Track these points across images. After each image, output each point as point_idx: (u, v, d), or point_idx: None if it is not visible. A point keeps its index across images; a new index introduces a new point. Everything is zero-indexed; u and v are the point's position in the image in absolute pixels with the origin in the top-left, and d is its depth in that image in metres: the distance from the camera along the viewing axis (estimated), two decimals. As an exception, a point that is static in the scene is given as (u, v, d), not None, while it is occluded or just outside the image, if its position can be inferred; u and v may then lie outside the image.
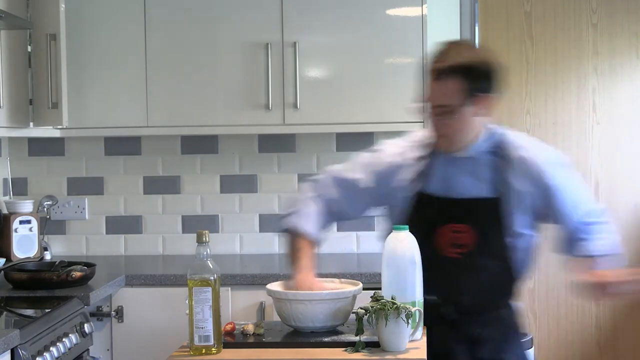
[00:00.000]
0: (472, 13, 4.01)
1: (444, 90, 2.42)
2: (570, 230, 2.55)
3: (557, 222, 2.55)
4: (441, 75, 2.41)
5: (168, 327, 3.20)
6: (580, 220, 2.54)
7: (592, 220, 2.56)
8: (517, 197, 2.48)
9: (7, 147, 3.99)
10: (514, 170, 2.50)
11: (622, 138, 4.03)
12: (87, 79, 3.64)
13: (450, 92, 2.42)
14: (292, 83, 3.59)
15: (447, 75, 2.40)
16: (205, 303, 2.21)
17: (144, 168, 4.01)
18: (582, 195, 2.61)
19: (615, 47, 4.01)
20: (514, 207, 2.48)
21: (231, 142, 3.97)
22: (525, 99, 4.03)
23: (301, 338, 2.34)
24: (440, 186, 2.52)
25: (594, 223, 2.56)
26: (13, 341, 2.31)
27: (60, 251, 3.99)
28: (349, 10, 3.57)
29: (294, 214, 2.58)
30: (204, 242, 2.24)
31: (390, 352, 2.21)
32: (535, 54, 4.02)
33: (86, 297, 2.96)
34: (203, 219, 3.99)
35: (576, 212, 2.54)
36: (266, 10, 3.60)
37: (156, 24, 3.64)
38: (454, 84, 2.41)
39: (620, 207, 4.02)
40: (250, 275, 3.33)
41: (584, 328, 4.05)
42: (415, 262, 2.35)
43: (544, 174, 2.51)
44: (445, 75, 2.41)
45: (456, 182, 2.52)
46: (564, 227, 2.55)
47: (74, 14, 3.60)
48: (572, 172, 2.61)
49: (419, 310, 2.30)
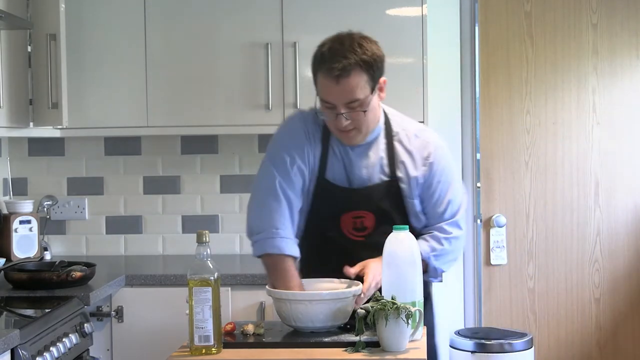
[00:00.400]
0: (472, 13, 4.01)
1: (349, 87, 2.43)
2: (426, 217, 2.62)
3: (421, 205, 2.61)
4: (343, 73, 2.41)
5: (168, 327, 3.20)
6: (438, 215, 2.61)
7: (447, 225, 2.61)
8: (410, 178, 2.56)
9: (7, 147, 3.99)
10: (407, 152, 2.58)
11: (622, 138, 4.03)
12: (87, 79, 3.64)
13: (357, 86, 2.44)
14: (292, 83, 3.59)
15: (348, 72, 2.41)
16: (206, 303, 2.21)
17: (144, 168, 4.01)
18: (453, 191, 2.65)
19: (615, 47, 4.01)
20: (409, 188, 2.56)
21: (231, 142, 3.97)
22: (525, 99, 4.03)
23: (301, 338, 2.34)
24: (339, 175, 2.57)
25: (440, 229, 2.61)
26: (13, 341, 2.30)
27: (60, 251, 3.99)
28: (349, 10, 3.57)
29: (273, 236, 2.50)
30: (204, 242, 2.25)
31: (390, 352, 2.22)
32: (535, 53, 4.02)
33: (86, 297, 2.96)
34: (203, 219, 3.99)
35: (440, 205, 2.60)
36: (266, 10, 3.60)
37: (156, 24, 3.64)
38: (357, 77, 2.43)
39: (620, 207, 4.03)
40: (250, 275, 3.33)
41: (584, 328, 4.05)
42: (415, 263, 2.35)
43: (431, 155, 2.58)
44: (346, 73, 2.41)
45: (354, 170, 2.57)
46: (424, 211, 2.62)
47: (74, 14, 3.60)
48: (452, 163, 2.68)
49: (419, 310, 2.31)
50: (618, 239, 4.04)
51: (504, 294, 4.05)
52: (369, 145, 2.58)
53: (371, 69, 2.45)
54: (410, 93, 3.50)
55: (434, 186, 2.59)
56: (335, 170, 2.57)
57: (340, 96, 2.44)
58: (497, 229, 4.02)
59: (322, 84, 2.45)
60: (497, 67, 4.02)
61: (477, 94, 4.01)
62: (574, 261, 4.04)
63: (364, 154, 2.58)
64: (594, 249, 4.04)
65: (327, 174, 2.57)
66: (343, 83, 2.42)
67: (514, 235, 4.05)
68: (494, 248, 4.03)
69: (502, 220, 4.02)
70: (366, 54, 2.44)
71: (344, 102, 2.44)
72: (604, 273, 4.04)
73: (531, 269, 4.05)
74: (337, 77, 2.41)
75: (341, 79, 2.41)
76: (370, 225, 2.57)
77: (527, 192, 4.04)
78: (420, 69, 3.54)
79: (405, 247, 2.34)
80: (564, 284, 4.05)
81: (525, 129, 4.03)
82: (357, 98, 2.45)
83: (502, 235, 4.03)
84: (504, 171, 4.04)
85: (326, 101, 2.46)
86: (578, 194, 4.04)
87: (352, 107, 2.45)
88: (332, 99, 2.45)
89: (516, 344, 3.33)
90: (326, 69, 2.43)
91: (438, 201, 2.61)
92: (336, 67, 2.40)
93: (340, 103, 2.45)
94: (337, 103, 2.45)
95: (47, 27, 3.45)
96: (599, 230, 4.03)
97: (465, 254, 4.02)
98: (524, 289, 4.05)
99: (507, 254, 4.04)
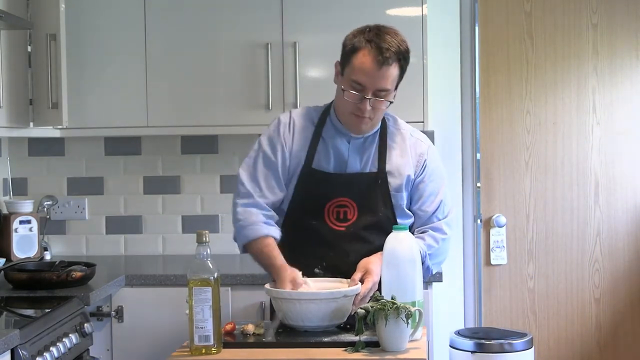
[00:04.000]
0: (472, 13, 4.01)
1: (386, 75, 2.47)
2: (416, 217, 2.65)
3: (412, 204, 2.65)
4: (388, 60, 2.45)
5: (168, 327, 3.21)
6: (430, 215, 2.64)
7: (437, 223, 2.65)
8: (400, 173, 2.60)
9: (7, 147, 3.99)
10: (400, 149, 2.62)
11: (622, 138, 4.03)
12: (87, 79, 3.64)
13: (392, 77, 2.49)
14: (292, 83, 3.59)
15: (392, 60, 2.46)
16: (205, 303, 2.21)
17: (144, 168, 4.01)
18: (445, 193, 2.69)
19: (615, 47, 4.01)
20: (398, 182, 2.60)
21: (231, 142, 3.97)
22: (525, 99, 4.03)
23: (301, 338, 2.34)
24: (327, 164, 2.60)
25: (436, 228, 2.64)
26: (13, 341, 2.30)
27: (60, 251, 3.99)
28: (349, 10, 3.57)
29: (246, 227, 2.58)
30: (204, 242, 2.25)
31: (390, 352, 2.22)
32: (535, 53, 4.02)
33: (86, 297, 2.96)
34: (203, 219, 3.99)
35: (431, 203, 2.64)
36: (266, 10, 3.60)
37: (156, 24, 3.64)
38: (395, 69, 2.48)
39: (620, 207, 4.03)
40: (250, 275, 3.33)
41: (584, 328, 4.05)
42: (415, 262, 2.36)
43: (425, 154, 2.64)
44: (391, 61, 2.46)
45: (349, 161, 2.60)
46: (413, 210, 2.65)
47: (74, 14, 3.60)
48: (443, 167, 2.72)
49: (419, 310, 2.31)
50: (618, 239, 4.03)
51: (504, 294, 4.05)
52: (366, 139, 2.61)
53: (405, 64, 2.52)
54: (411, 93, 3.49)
55: (425, 184, 2.63)
56: (323, 160, 2.60)
57: (376, 81, 2.47)
58: (497, 229, 4.02)
59: (361, 65, 2.47)
60: (497, 67, 4.02)
61: (477, 94, 4.01)
62: (574, 261, 4.04)
63: (360, 147, 2.61)
64: (594, 249, 4.04)
65: (314, 164, 2.60)
66: (384, 70, 2.46)
67: (514, 235, 4.05)
68: (494, 248, 4.03)
69: (502, 220, 4.02)
70: (405, 48, 2.50)
71: (375, 88, 2.48)
72: (604, 273, 4.04)
73: (531, 269, 4.05)
74: (382, 63, 2.45)
75: (384, 65, 2.45)
76: (353, 216, 2.59)
77: (527, 192, 4.04)
78: (420, 69, 3.54)
79: (405, 246, 2.35)
80: (564, 284, 4.05)
81: (525, 129, 4.03)
82: (387, 88, 2.49)
83: (502, 235, 4.03)
84: (504, 171, 4.04)
85: (359, 83, 2.48)
86: (578, 194, 4.04)
87: (379, 95, 2.49)
88: (367, 82, 2.47)
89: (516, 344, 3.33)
90: (375, 52, 2.45)
91: (429, 200, 2.64)
92: (385, 53, 2.44)
93: (372, 88, 2.48)
94: (369, 87, 2.48)
95: (47, 27, 3.46)
96: (599, 230, 4.03)
97: (465, 254, 4.02)
98: (524, 289, 4.05)
99: (507, 254, 4.04)
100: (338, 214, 2.59)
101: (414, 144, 2.65)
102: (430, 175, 2.65)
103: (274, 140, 2.64)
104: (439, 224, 2.65)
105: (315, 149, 2.61)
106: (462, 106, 4.01)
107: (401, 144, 2.64)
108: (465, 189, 4.02)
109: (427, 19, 3.56)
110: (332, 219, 2.59)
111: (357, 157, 2.60)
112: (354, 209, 2.59)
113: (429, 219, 2.64)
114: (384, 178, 2.59)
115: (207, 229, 2.30)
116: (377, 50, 2.45)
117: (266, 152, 2.63)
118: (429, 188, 2.64)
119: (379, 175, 2.59)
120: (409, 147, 2.64)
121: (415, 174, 2.62)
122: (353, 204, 2.59)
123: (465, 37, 4.01)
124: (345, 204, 2.59)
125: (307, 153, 2.60)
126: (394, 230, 2.38)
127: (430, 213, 2.64)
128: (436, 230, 2.64)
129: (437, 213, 2.65)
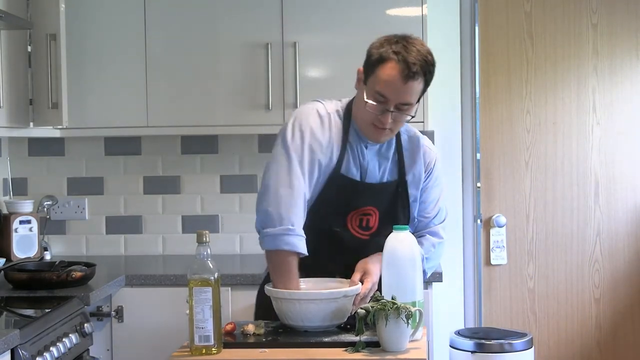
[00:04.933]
0: (472, 13, 4.01)
1: (411, 89, 2.42)
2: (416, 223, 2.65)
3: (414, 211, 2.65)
4: (415, 75, 2.40)
5: (168, 327, 3.20)
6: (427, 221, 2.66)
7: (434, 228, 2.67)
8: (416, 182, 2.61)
9: (7, 147, 3.99)
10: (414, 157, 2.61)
11: (622, 138, 4.03)
12: (87, 79, 3.64)
13: (416, 91, 2.44)
14: (292, 83, 3.59)
15: (418, 75, 2.41)
16: (206, 303, 2.21)
17: (144, 168, 4.01)
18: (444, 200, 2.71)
19: (615, 47, 4.01)
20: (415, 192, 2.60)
21: (231, 142, 3.97)
22: (525, 99, 4.03)
23: (301, 338, 2.34)
24: (353, 171, 2.56)
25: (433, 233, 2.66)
26: (13, 341, 2.30)
27: (60, 251, 3.99)
28: (349, 10, 3.57)
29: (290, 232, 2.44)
30: (205, 242, 2.25)
31: (391, 352, 2.22)
32: (535, 54, 4.02)
33: (86, 297, 2.95)
34: (203, 219, 3.99)
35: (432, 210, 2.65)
36: (266, 10, 3.60)
37: (156, 24, 3.64)
38: (420, 83, 2.44)
39: (620, 207, 4.03)
40: (250, 275, 3.33)
41: (584, 328, 4.05)
42: (415, 262, 2.35)
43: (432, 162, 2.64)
44: (417, 76, 2.41)
45: (369, 168, 2.57)
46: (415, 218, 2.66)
47: (74, 14, 3.60)
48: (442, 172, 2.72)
49: (419, 310, 2.31)
50: (618, 239, 4.03)
51: (504, 294, 4.05)
52: (381, 145, 2.59)
53: (430, 78, 2.46)
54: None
55: (429, 191, 2.64)
56: (350, 166, 2.56)
57: (400, 95, 2.42)
58: (497, 229, 4.02)
59: (387, 77, 2.40)
60: (497, 67, 4.02)
61: (477, 94, 4.00)
62: (574, 261, 4.04)
63: (378, 154, 2.59)
64: (594, 249, 4.04)
65: (342, 169, 2.55)
66: (409, 85, 2.41)
67: (514, 235, 4.05)
68: (494, 248, 4.03)
69: (502, 220, 4.01)
70: (431, 61, 2.44)
71: (398, 102, 2.43)
72: (604, 273, 4.04)
73: (531, 269, 4.05)
74: (408, 77, 2.39)
75: (410, 80, 2.40)
76: (375, 225, 2.58)
77: (527, 192, 4.04)
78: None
79: (405, 247, 2.34)
80: (564, 284, 4.05)
81: (525, 129, 4.03)
82: (411, 102, 2.45)
83: (502, 235, 4.03)
84: (504, 171, 4.04)
85: (383, 95, 2.42)
86: (578, 194, 4.04)
87: (401, 109, 2.45)
88: (391, 95, 2.42)
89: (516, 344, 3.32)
90: (402, 66, 2.39)
91: (430, 206, 2.65)
92: (412, 68, 2.38)
93: (395, 102, 2.43)
94: (393, 100, 2.43)
95: (47, 27, 3.45)
96: (599, 230, 4.03)
97: (465, 254, 4.02)
98: (524, 289, 4.04)
99: (507, 254, 4.04)
100: (361, 221, 2.57)
101: (425, 153, 2.63)
102: (433, 183, 2.65)
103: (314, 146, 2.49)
104: (436, 229, 2.67)
105: (344, 154, 2.54)
106: (462, 106, 4.01)
107: (415, 153, 2.61)
108: (465, 189, 4.02)
109: (427, 19, 3.56)
110: (355, 226, 2.58)
111: (375, 164, 2.58)
112: (376, 217, 2.58)
113: (427, 224, 2.66)
114: (404, 187, 2.59)
115: (207, 229, 2.30)
116: (404, 64, 2.38)
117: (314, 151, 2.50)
118: (431, 195, 2.65)
119: (400, 185, 2.58)
120: (421, 155, 2.62)
121: (423, 182, 2.63)
122: (376, 212, 2.57)
123: (465, 37, 4.01)
124: (369, 212, 2.57)
125: (338, 158, 2.53)
126: (394, 231, 2.37)
127: (431, 218, 2.66)
128: (433, 234, 2.66)
129: (435, 219, 2.67)
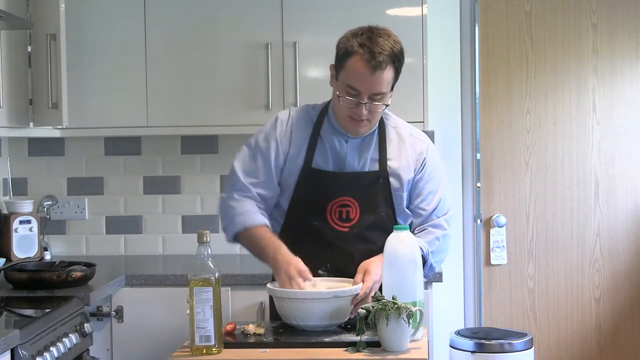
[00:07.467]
0: (472, 13, 4.01)
1: (381, 79, 2.46)
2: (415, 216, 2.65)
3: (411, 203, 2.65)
4: (381, 64, 2.44)
5: (168, 327, 3.20)
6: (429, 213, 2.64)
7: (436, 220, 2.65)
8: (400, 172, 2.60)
9: (7, 147, 3.99)
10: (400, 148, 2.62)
11: (622, 138, 4.03)
12: (87, 79, 3.64)
13: (386, 80, 2.48)
14: (292, 83, 3.59)
15: (386, 64, 2.45)
16: (206, 303, 2.21)
17: (144, 168, 4.01)
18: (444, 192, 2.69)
19: (615, 47, 4.01)
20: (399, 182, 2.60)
21: (231, 142, 3.96)
22: (525, 99, 4.03)
23: (301, 338, 2.34)
24: (326, 164, 2.59)
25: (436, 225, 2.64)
26: (13, 341, 2.30)
27: (60, 251, 3.98)
28: (349, 10, 3.57)
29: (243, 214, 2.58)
30: (205, 242, 2.25)
31: (392, 352, 2.22)
32: (535, 54, 4.02)
33: (86, 297, 2.95)
34: (203, 219, 3.98)
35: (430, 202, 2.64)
36: (266, 10, 3.60)
37: (156, 24, 3.64)
38: (390, 72, 2.48)
39: (620, 207, 4.03)
40: (250, 275, 3.33)
41: (584, 328, 4.05)
42: (416, 262, 2.35)
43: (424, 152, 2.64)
44: (385, 64, 2.45)
45: (347, 160, 2.59)
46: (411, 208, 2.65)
47: (74, 14, 3.60)
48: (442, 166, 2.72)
49: (420, 310, 2.31)
50: (618, 239, 4.03)
51: (504, 294, 4.05)
52: (364, 138, 2.61)
53: (400, 66, 2.51)
54: (411, 93, 3.50)
55: (424, 182, 2.63)
56: (322, 160, 2.59)
57: (370, 86, 2.46)
58: (497, 229, 4.02)
59: (355, 70, 2.46)
60: (497, 67, 4.02)
61: (477, 94, 4.01)
62: (574, 261, 4.04)
63: (359, 146, 2.61)
64: (594, 249, 4.04)
65: (313, 164, 2.59)
66: (378, 74, 2.45)
67: (514, 235, 4.05)
68: (494, 248, 4.03)
69: (502, 220, 4.02)
70: (398, 49, 2.49)
71: (370, 93, 2.48)
72: (604, 273, 4.04)
73: (531, 269, 4.05)
74: (375, 67, 2.44)
75: (377, 70, 2.44)
76: (356, 216, 2.59)
77: (527, 192, 4.04)
78: (420, 69, 3.54)
79: (406, 246, 2.34)
80: (564, 284, 4.05)
81: (525, 129, 4.03)
82: (383, 91, 2.49)
83: (502, 235, 4.03)
84: (504, 171, 4.04)
85: (354, 88, 2.48)
86: (578, 194, 4.04)
87: (374, 99, 2.49)
88: (361, 87, 2.47)
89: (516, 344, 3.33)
90: (367, 57, 2.44)
91: (428, 198, 2.64)
92: (377, 57, 2.43)
93: (367, 93, 2.47)
94: (364, 92, 2.47)
95: (47, 27, 3.45)
96: (599, 230, 4.03)
97: (465, 254, 4.02)
98: (524, 289, 4.04)
99: (507, 254, 4.04)
100: (340, 213, 2.59)
101: (414, 143, 2.65)
102: (429, 174, 2.65)
103: (269, 138, 2.63)
104: (439, 221, 2.64)
105: (314, 148, 2.60)
106: (462, 106, 4.01)
107: (401, 143, 2.64)
108: (465, 189, 4.02)
109: (427, 19, 3.56)
110: (335, 219, 2.59)
111: (355, 156, 2.60)
112: (356, 209, 2.59)
113: (428, 217, 2.64)
114: (385, 177, 2.60)
115: (207, 229, 2.30)
116: (370, 54, 2.44)
117: (261, 148, 2.62)
118: (428, 186, 2.64)
119: (381, 174, 2.59)
120: (408, 146, 2.64)
121: (415, 172, 2.62)
122: (355, 203, 2.59)
123: (465, 37, 4.01)
124: (348, 203, 2.59)
125: (307, 153, 2.60)
126: (395, 231, 2.37)
127: (430, 211, 2.64)
128: (436, 227, 2.64)
129: (437, 211, 2.65)
